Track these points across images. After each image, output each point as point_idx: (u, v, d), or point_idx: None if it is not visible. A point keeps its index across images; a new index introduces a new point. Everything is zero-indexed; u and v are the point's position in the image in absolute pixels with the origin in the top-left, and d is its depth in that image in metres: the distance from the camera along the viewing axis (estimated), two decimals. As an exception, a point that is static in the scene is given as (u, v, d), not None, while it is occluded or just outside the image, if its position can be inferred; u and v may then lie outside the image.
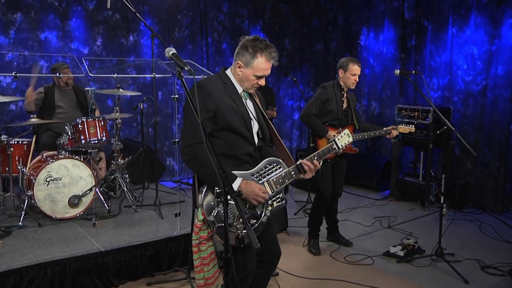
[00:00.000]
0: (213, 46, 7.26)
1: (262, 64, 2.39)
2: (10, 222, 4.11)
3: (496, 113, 5.57)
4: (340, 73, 4.19)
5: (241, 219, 2.29)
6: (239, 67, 2.44)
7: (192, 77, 2.10)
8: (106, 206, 4.43)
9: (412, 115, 5.77)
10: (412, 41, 6.47)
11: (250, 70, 2.41)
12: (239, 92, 2.51)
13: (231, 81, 2.50)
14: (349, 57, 4.20)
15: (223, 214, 1.95)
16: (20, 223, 4.00)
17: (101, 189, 4.68)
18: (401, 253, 4.18)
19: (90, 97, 4.69)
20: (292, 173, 2.49)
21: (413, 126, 4.37)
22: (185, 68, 2.05)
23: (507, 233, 4.84)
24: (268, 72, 2.45)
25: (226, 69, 2.55)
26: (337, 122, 4.24)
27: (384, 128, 4.25)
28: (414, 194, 5.96)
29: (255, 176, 2.42)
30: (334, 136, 2.69)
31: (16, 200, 4.38)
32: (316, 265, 4.08)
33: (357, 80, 4.19)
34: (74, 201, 4.24)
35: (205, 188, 2.27)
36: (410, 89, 6.61)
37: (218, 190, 1.88)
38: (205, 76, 2.90)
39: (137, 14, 4.33)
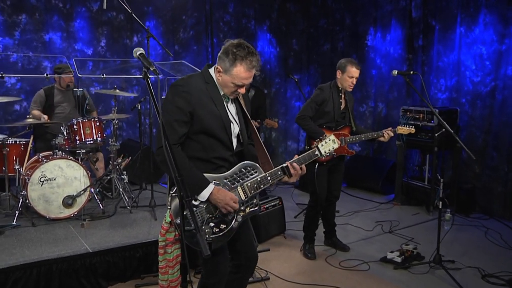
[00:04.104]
0: (219, 47, 7.15)
1: (241, 73, 2.28)
2: (5, 222, 4.14)
3: (505, 115, 5.36)
4: (338, 74, 4.09)
5: (210, 224, 2.24)
6: (218, 72, 2.35)
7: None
8: (101, 207, 4.43)
9: (417, 117, 5.61)
10: (419, 41, 6.30)
11: (229, 77, 2.31)
12: (221, 94, 2.41)
13: (213, 81, 2.39)
14: (348, 59, 4.09)
15: (190, 217, 1.89)
16: (14, 223, 4.03)
17: (97, 189, 4.68)
18: (398, 259, 4.06)
19: (86, 97, 4.71)
20: (269, 178, 2.40)
21: (413, 127, 4.23)
22: (151, 68, 2.01)
23: (514, 241, 4.66)
24: (248, 81, 2.33)
25: (210, 66, 2.44)
26: (334, 124, 4.14)
27: (378, 132, 4.14)
28: (420, 198, 5.80)
29: (228, 180, 2.35)
30: (316, 142, 2.57)
31: (12, 199, 4.42)
32: (309, 270, 3.99)
33: (354, 83, 4.07)
34: (68, 201, 4.25)
35: (174, 191, 2.22)
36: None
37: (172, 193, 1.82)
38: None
39: (133, 14, 4.31)
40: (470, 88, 5.72)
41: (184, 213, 2.03)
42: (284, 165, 2.41)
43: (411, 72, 3.95)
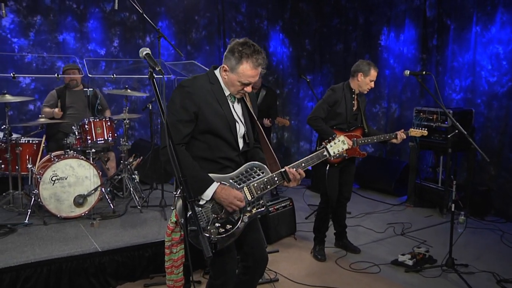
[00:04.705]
0: (231, 47, 7.20)
1: (248, 71, 2.28)
2: (18, 220, 4.20)
3: (522, 116, 5.26)
4: (360, 76, 4.00)
5: (216, 224, 2.22)
6: (224, 70, 2.35)
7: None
8: (111, 206, 4.46)
9: (431, 117, 5.52)
10: (433, 40, 6.20)
11: (235, 75, 2.31)
12: (226, 95, 2.41)
13: (219, 82, 2.40)
14: (369, 62, 4.03)
15: (194, 218, 1.88)
16: (26, 221, 4.08)
17: (108, 189, 4.71)
18: (410, 262, 3.99)
19: (97, 97, 4.74)
20: (276, 179, 2.38)
21: (426, 129, 4.18)
22: (156, 68, 2.01)
23: (530, 245, 4.55)
24: (254, 79, 2.33)
25: (216, 68, 2.45)
26: (346, 126, 4.09)
27: (390, 134, 4.09)
28: (433, 200, 5.71)
29: (234, 180, 2.33)
30: (325, 142, 2.53)
31: (25, 198, 4.48)
32: (319, 272, 3.95)
33: (373, 86, 4.05)
34: (79, 200, 4.28)
35: (179, 191, 2.21)
36: (430, 90, 6.34)
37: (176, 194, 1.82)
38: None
39: (144, 15, 4.31)
40: (485, 89, 5.61)
41: (188, 214, 2.02)
42: (282, 170, 2.39)
43: (424, 72, 3.91)
